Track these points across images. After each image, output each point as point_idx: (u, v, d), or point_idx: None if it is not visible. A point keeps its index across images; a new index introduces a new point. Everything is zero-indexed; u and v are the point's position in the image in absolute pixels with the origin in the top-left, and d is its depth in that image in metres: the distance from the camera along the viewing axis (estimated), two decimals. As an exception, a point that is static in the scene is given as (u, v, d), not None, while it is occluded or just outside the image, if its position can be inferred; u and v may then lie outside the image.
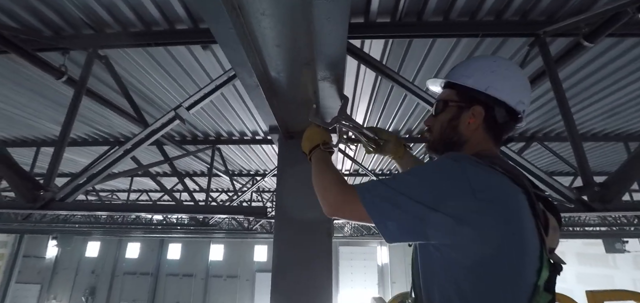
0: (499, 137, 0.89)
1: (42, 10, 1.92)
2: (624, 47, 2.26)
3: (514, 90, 0.85)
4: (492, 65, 0.88)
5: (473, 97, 0.87)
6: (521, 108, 0.86)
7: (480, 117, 0.85)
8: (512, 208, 0.70)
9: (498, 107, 0.85)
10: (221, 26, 0.77)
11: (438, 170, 0.77)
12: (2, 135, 4.22)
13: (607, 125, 3.65)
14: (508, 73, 0.86)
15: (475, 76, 0.87)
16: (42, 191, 1.98)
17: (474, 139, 0.87)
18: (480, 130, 0.87)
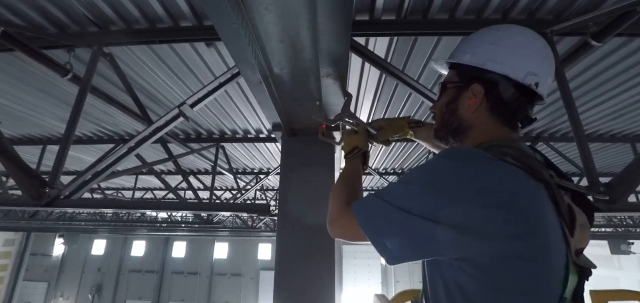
0: (512, 120, 0.75)
1: (48, 7, 1.93)
2: (632, 47, 2.22)
3: (519, 61, 0.72)
4: (493, 35, 0.76)
5: (473, 75, 0.76)
6: (532, 80, 0.71)
7: (479, 96, 0.74)
8: (529, 209, 0.58)
9: (502, 83, 0.72)
10: (224, 21, 0.76)
11: (433, 173, 0.66)
12: (9, 133, 4.26)
13: (613, 126, 3.60)
14: (511, 42, 0.74)
15: (473, 51, 0.77)
16: (47, 188, 2.00)
17: (480, 124, 0.76)
18: (484, 112, 0.75)
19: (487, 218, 0.57)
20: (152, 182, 7.81)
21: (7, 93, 3.10)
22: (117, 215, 11.81)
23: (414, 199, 0.64)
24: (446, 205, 0.60)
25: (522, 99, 0.73)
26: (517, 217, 0.57)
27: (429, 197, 0.63)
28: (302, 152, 1.76)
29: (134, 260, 18.97)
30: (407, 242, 0.64)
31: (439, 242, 0.61)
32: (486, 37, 0.77)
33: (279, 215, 1.78)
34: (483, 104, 0.75)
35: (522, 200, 0.59)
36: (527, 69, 0.71)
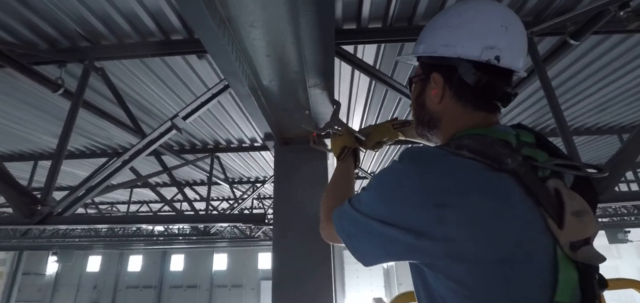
0: (484, 102, 0.68)
1: (38, 23, 1.95)
2: (609, 43, 2.31)
3: (472, 38, 0.65)
4: (443, 18, 0.71)
5: (432, 64, 0.72)
6: (490, 55, 0.64)
7: (440, 85, 0.70)
8: (484, 205, 0.53)
9: (460, 66, 0.66)
10: (211, 38, 0.80)
11: (386, 177, 0.65)
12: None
13: (599, 119, 3.70)
14: (462, 20, 0.67)
15: (426, 40, 0.73)
16: (39, 205, 1.99)
17: (448, 114, 0.71)
18: (450, 101, 0.70)
19: (440, 221, 0.54)
20: (147, 195, 7.76)
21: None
22: (113, 230, 11.65)
23: (373, 204, 0.65)
24: (399, 209, 0.59)
25: (488, 77, 0.66)
26: (472, 216, 0.52)
27: (383, 202, 0.62)
28: (295, 160, 1.79)
29: (131, 275, 18.67)
30: (373, 246, 0.64)
31: (399, 246, 0.59)
32: (437, 21, 0.72)
33: (275, 225, 1.80)
34: (446, 92, 0.70)
35: (475, 197, 0.53)
36: (483, 43, 0.64)
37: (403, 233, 0.58)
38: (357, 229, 0.67)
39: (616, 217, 9.24)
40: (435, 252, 0.55)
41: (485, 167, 0.56)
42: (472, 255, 0.52)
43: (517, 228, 0.52)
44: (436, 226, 0.54)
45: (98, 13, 1.88)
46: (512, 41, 0.65)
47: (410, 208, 0.58)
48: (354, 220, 0.67)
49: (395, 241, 0.59)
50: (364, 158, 5.17)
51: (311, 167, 1.80)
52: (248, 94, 1.08)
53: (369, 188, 0.68)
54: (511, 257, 0.51)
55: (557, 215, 0.52)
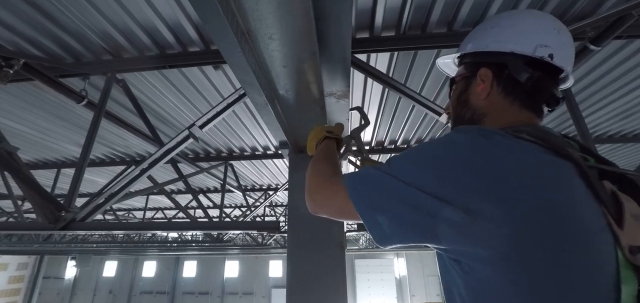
0: (532, 102, 0.66)
1: (65, 38, 2.05)
2: (632, 48, 2.24)
3: (524, 35, 0.66)
4: (495, 20, 0.72)
5: (479, 62, 0.72)
6: (544, 52, 0.63)
7: (488, 80, 0.69)
8: (554, 195, 0.48)
9: (511, 62, 0.66)
10: (231, 50, 0.82)
11: (441, 145, 0.57)
12: (25, 158, 4.42)
13: (623, 126, 3.57)
14: (514, 19, 0.69)
15: (476, 38, 0.73)
16: (63, 212, 2.07)
17: (494, 109, 0.68)
18: (497, 97, 0.68)
19: (499, 201, 0.48)
20: (163, 201, 7.92)
21: (24, 120, 3.24)
22: (129, 236, 11.91)
23: (419, 170, 0.56)
24: (452, 181, 0.52)
25: (539, 74, 0.64)
26: (537, 198, 0.48)
27: (435, 171, 0.54)
28: (309, 167, 1.80)
29: (145, 281, 18.99)
30: (402, 219, 0.55)
31: (441, 225, 0.52)
32: (487, 23, 0.73)
33: (289, 232, 1.81)
34: (494, 88, 0.68)
35: (541, 179, 0.50)
36: (537, 41, 0.64)
37: (449, 209, 0.50)
38: (383, 197, 0.58)
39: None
40: (489, 238, 0.48)
41: (548, 151, 0.53)
42: (536, 240, 0.47)
43: (583, 218, 0.48)
44: (494, 207, 0.48)
45: (120, 28, 1.96)
46: (564, 44, 0.66)
47: (464, 179, 0.51)
48: (382, 186, 0.58)
49: (435, 216, 0.52)
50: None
51: (325, 175, 1.81)
52: (265, 103, 1.10)
53: (413, 156, 0.59)
54: (576, 243, 0.47)
55: (616, 215, 0.49)
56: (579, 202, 0.49)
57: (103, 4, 1.79)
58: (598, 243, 0.47)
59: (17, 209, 3.30)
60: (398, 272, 17.33)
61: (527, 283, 0.47)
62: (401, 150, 4.11)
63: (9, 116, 3.15)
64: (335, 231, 1.76)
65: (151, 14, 1.85)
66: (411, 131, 3.68)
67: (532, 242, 0.47)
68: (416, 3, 1.80)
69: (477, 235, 0.49)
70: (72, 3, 1.78)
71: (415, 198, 0.54)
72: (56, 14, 1.86)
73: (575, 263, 0.46)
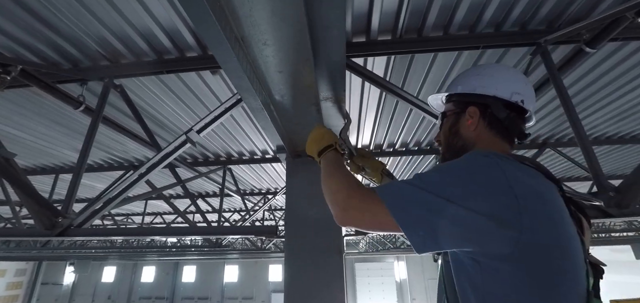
0: (509, 136, 0.85)
1: (62, 45, 2.05)
2: (628, 50, 2.25)
3: (502, 83, 0.84)
4: (479, 69, 0.91)
5: (467, 101, 0.89)
6: (517, 98, 0.83)
7: (476, 116, 0.85)
8: (555, 207, 0.65)
9: (493, 103, 0.84)
10: (225, 56, 0.82)
11: (469, 165, 0.69)
12: (23, 164, 4.41)
13: (620, 128, 3.58)
14: (492, 71, 0.88)
15: (463, 83, 0.91)
16: (60, 218, 2.06)
17: (481, 140, 0.85)
18: (484, 130, 0.85)
19: (523, 212, 0.60)
20: (161, 206, 7.91)
21: (22, 126, 3.24)
22: (127, 241, 11.87)
23: (450, 186, 0.66)
24: (484, 196, 0.63)
25: (513, 114, 0.84)
26: (548, 213, 0.63)
27: (465, 186, 0.65)
28: (307, 172, 1.80)
29: (144, 286, 18.89)
30: (440, 229, 0.64)
31: (473, 232, 0.62)
32: (472, 71, 0.92)
33: (286, 237, 1.80)
34: (480, 123, 0.85)
35: (548, 199, 0.65)
36: (511, 89, 0.83)
37: (481, 219, 0.61)
38: (422, 209, 0.65)
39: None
40: (514, 243, 0.60)
41: (543, 175, 0.70)
42: (548, 250, 0.61)
43: (570, 228, 0.65)
44: (520, 217, 0.60)
45: (118, 33, 1.97)
46: (530, 92, 0.86)
47: (494, 195, 0.62)
48: (420, 200, 0.66)
49: (468, 226, 0.62)
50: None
51: (323, 179, 1.81)
52: (261, 108, 1.10)
53: (443, 172, 0.70)
54: (571, 253, 0.63)
55: (578, 226, 0.69)
56: (569, 221, 0.66)
57: (100, 9, 1.79)
58: (576, 248, 0.64)
59: (14, 215, 3.28)
60: (398, 276, 17.28)
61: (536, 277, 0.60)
62: (400, 153, 4.11)
63: (7, 122, 3.15)
64: (334, 236, 1.75)
65: (148, 20, 1.86)
66: (409, 134, 3.69)
67: (541, 247, 0.61)
68: (412, 7, 1.81)
69: (501, 239, 0.61)
70: (69, 9, 1.79)
71: (451, 211, 0.63)
72: (53, 20, 1.87)
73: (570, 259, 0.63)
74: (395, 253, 16.26)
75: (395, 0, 1.77)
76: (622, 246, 10.91)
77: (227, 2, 0.75)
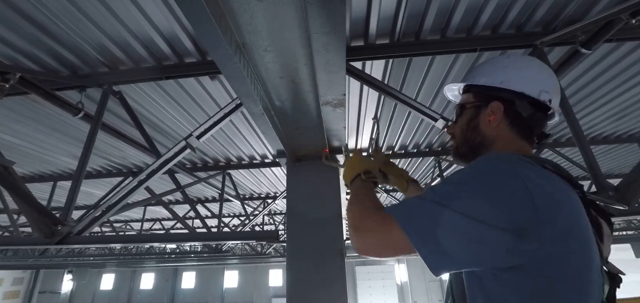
0: (530, 135, 0.79)
1: (61, 52, 2.06)
2: (623, 51, 2.28)
3: (531, 81, 0.78)
4: (505, 61, 0.83)
5: (490, 95, 0.81)
6: (546, 98, 0.77)
7: (499, 112, 0.78)
8: (574, 214, 0.60)
9: (518, 100, 0.78)
10: (226, 62, 0.83)
11: (485, 174, 0.63)
12: (21, 172, 4.39)
13: (618, 127, 3.61)
14: (522, 65, 0.81)
15: (488, 74, 0.83)
16: (59, 226, 2.05)
17: (501, 138, 0.78)
18: (505, 127, 0.78)
19: (542, 222, 0.56)
20: (161, 212, 7.87)
21: (20, 133, 3.23)
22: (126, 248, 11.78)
23: (464, 199, 0.60)
24: (503, 208, 0.57)
25: (538, 114, 0.78)
26: (567, 221, 0.58)
27: (481, 199, 0.59)
28: (307, 177, 1.80)
29: (143, 293, 18.73)
30: (457, 247, 0.59)
31: (492, 248, 0.57)
32: (498, 63, 0.84)
33: (288, 241, 1.80)
34: (503, 120, 0.78)
35: (568, 205, 0.61)
36: (540, 87, 0.77)
37: (500, 234, 0.56)
38: (437, 226, 0.60)
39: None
40: (532, 254, 0.57)
41: (564, 180, 0.66)
42: (565, 260, 0.57)
43: (591, 241, 0.61)
44: (539, 228, 0.56)
45: (117, 40, 1.97)
46: (558, 91, 0.81)
47: (514, 206, 0.57)
48: (434, 216, 0.61)
49: (487, 242, 0.57)
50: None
51: (323, 182, 1.81)
52: (261, 113, 1.11)
53: (456, 184, 0.64)
54: (589, 264, 0.59)
55: (598, 233, 0.65)
56: (587, 228, 0.62)
57: (99, 16, 1.79)
58: (596, 260, 0.61)
59: (12, 223, 3.27)
60: (399, 278, 17.22)
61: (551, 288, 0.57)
62: (399, 156, 4.12)
63: (5, 130, 3.14)
64: (335, 239, 1.75)
65: (147, 26, 1.86)
66: (408, 136, 3.70)
67: (558, 257, 0.57)
68: (409, 11, 1.83)
69: (519, 252, 0.57)
70: (67, 16, 1.79)
71: (469, 227, 0.58)
72: (52, 28, 1.87)
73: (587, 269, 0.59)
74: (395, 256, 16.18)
75: (392, 5, 1.78)
76: (622, 244, 10.95)
77: (229, 10, 0.76)
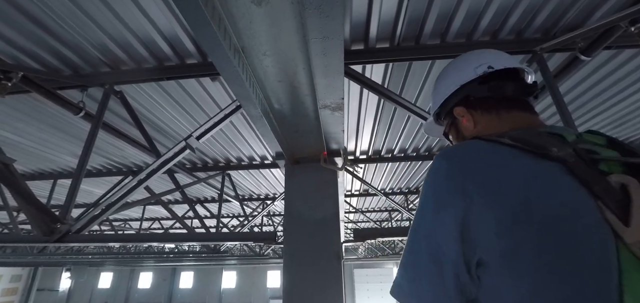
0: (511, 102, 0.74)
1: (63, 51, 2.07)
2: (622, 58, 2.29)
3: (464, 69, 0.81)
4: (438, 80, 0.90)
5: (448, 110, 0.85)
6: (483, 69, 0.77)
7: (465, 112, 0.79)
8: (530, 196, 0.48)
9: (467, 90, 0.79)
10: (225, 66, 0.84)
11: (430, 181, 0.61)
12: (21, 169, 4.40)
13: (617, 134, 3.61)
14: (450, 68, 0.87)
15: (434, 99, 0.90)
16: (59, 224, 2.06)
17: (485, 129, 0.75)
18: (482, 118, 0.76)
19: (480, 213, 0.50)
20: (159, 212, 7.87)
21: (22, 131, 3.24)
22: (125, 247, 11.78)
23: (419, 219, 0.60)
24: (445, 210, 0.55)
25: (494, 82, 0.76)
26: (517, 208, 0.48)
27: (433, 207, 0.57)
28: (306, 179, 1.81)
29: (141, 292, 18.71)
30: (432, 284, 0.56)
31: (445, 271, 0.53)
32: (436, 84, 0.91)
33: (285, 242, 1.80)
34: (474, 115, 0.78)
35: (521, 186, 0.50)
36: (474, 65, 0.79)
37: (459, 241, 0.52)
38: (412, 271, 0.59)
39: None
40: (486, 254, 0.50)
41: (526, 153, 0.54)
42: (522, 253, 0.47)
43: (569, 220, 0.46)
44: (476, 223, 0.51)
45: (119, 40, 1.98)
46: (496, 55, 0.80)
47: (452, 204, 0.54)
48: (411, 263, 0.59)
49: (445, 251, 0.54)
50: (364, 174, 5.14)
51: (322, 185, 1.82)
52: (260, 116, 1.12)
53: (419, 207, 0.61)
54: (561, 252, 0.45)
55: (621, 211, 0.45)
56: (564, 204, 0.47)
57: (101, 17, 1.81)
58: (589, 242, 0.45)
59: (12, 220, 3.27)
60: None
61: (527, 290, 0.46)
62: (398, 159, 4.13)
63: (7, 128, 3.15)
64: (332, 241, 1.76)
65: (149, 27, 1.88)
66: (407, 140, 3.71)
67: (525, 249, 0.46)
68: (410, 15, 1.84)
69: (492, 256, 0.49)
70: (70, 17, 1.81)
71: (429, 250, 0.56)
72: (55, 28, 1.88)
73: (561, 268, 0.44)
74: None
75: (393, 9, 1.79)
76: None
77: (228, 14, 0.77)
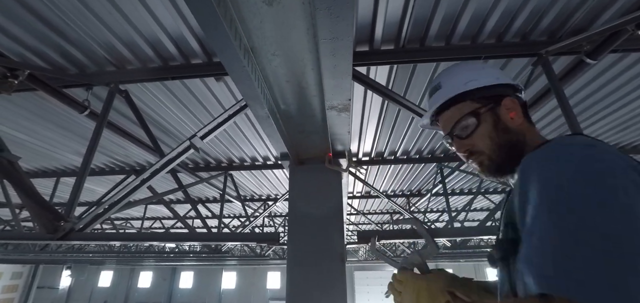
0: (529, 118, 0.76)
1: (69, 50, 2.08)
2: (628, 61, 2.28)
3: (496, 72, 0.80)
4: (475, 63, 0.85)
5: (489, 95, 0.76)
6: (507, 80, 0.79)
7: (517, 106, 0.74)
8: None
9: (505, 89, 0.77)
10: (235, 66, 0.84)
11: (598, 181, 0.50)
12: (26, 167, 4.42)
13: (622, 137, 3.60)
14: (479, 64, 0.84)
15: (481, 75, 0.79)
16: (62, 222, 2.07)
17: (526, 130, 0.73)
18: (522, 119, 0.74)
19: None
20: (161, 211, 7.88)
21: (27, 129, 3.26)
22: (125, 246, 11.80)
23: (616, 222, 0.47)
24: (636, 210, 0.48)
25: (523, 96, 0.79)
26: None
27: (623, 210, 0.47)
28: (310, 180, 1.81)
29: (141, 292, 18.74)
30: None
31: None
32: (471, 65, 0.83)
33: (289, 243, 1.80)
34: (520, 112, 0.74)
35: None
36: (497, 74, 0.79)
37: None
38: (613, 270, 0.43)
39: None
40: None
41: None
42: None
43: None
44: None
45: (124, 40, 1.99)
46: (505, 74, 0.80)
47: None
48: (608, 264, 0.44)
49: None
50: (366, 175, 5.13)
51: (326, 186, 1.81)
52: (267, 116, 1.12)
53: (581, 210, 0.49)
54: None
55: None
56: None
57: (108, 16, 1.82)
58: None
59: (14, 218, 3.28)
60: None
61: None
62: (400, 161, 4.12)
63: (13, 125, 3.17)
64: (336, 243, 1.75)
65: (155, 27, 1.88)
66: (411, 142, 3.70)
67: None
68: (415, 17, 1.84)
69: None
70: (77, 15, 1.82)
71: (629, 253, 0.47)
72: (61, 26, 1.89)
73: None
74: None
75: (398, 11, 1.79)
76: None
77: (239, 14, 0.77)
